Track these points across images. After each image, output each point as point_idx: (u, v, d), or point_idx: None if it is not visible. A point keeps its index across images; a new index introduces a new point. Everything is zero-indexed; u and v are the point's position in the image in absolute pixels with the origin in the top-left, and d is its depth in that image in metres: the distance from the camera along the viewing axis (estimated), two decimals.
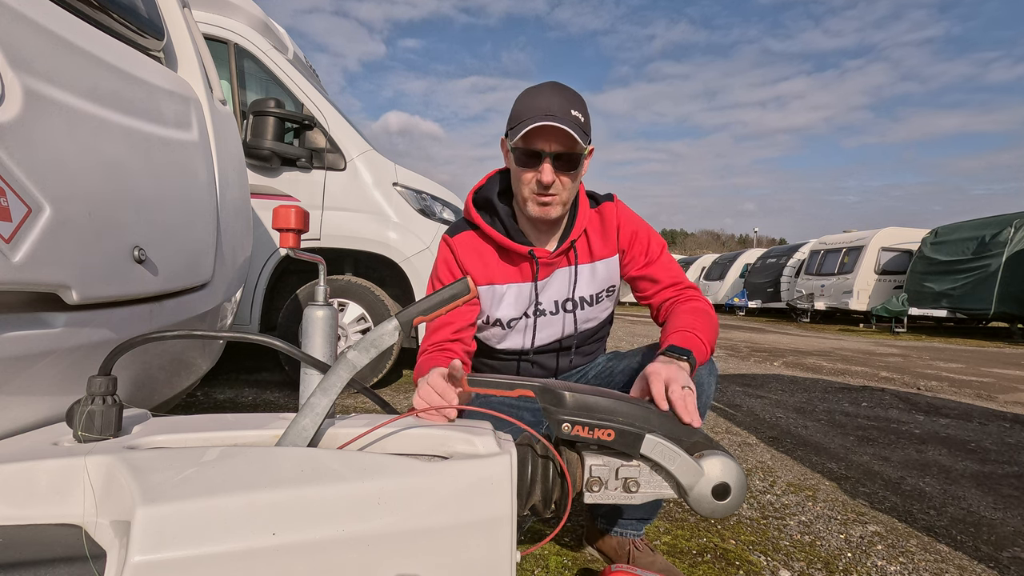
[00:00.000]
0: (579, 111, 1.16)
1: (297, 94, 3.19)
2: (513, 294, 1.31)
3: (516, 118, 1.18)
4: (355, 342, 0.91)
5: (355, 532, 0.61)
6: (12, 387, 0.83)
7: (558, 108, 1.14)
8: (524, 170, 1.19)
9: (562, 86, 1.20)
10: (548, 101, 1.14)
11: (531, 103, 1.16)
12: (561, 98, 1.16)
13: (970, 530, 1.75)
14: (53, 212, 0.85)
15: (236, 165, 1.74)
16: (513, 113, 1.20)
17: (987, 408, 3.68)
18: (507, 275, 1.30)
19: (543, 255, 1.27)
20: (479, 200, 1.32)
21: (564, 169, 1.17)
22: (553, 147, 1.15)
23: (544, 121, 1.11)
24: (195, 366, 1.51)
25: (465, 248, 1.29)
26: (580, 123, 1.15)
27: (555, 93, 1.16)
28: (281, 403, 2.99)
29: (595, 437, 0.78)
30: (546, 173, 1.15)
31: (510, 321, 1.32)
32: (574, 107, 1.16)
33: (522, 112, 1.16)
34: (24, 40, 0.85)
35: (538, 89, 1.19)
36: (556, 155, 1.15)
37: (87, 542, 0.61)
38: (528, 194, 1.20)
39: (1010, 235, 9.76)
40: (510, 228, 1.28)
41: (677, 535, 1.60)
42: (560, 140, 1.14)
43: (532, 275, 1.29)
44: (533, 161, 1.17)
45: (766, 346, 7.56)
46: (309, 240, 3.15)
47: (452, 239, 1.31)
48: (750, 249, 21.77)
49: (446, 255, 1.31)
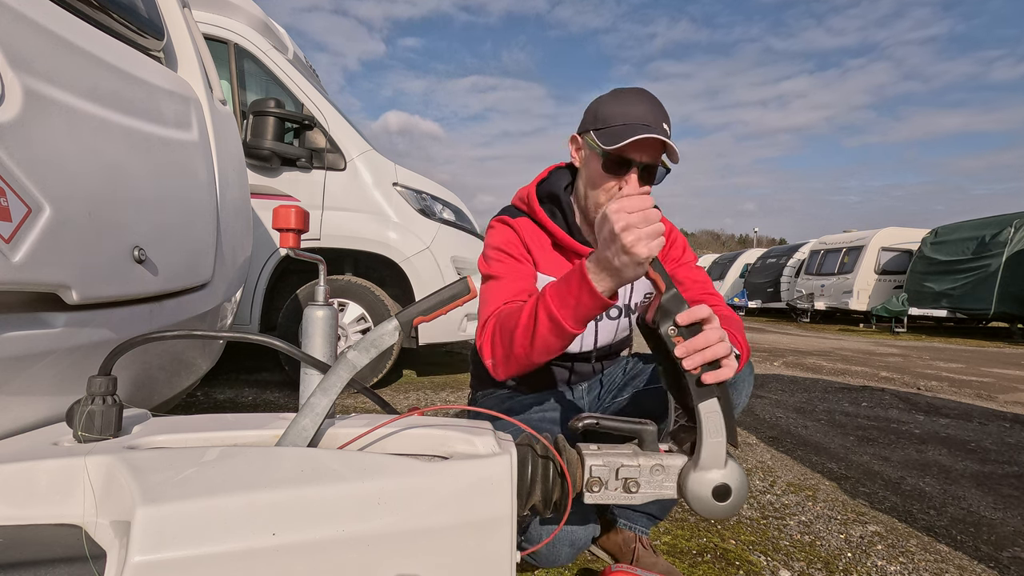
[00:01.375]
0: (668, 124, 1.14)
1: (297, 94, 3.19)
2: None
3: (606, 120, 1.14)
4: (355, 342, 0.91)
5: (355, 532, 0.61)
6: (12, 387, 0.83)
7: (653, 119, 1.11)
8: (609, 176, 1.15)
9: (653, 95, 1.17)
10: (645, 110, 1.12)
11: (626, 109, 1.12)
12: (657, 108, 1.13)
13: (970, 530, 1.75)
14: (53, 212, 0.85)
15: (236, 165, 1.74)
16: (600, 115, 1.16)
17: (987, 408, 3.67)
18: (561, 270, 1.26)
19: None
20: (543, 193, 1.29)
21: (647, 181, 1.15)
22: (644, 158, 1.12)
23: (646, 132, 1.07)
24: (195, 366, 1.51)
25: (527, 232, 1.25)
26: (669, 137, 1.13)
27: (651, 103, 1.13)
28: (281, 403, 2.99)
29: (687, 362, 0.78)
30: (633, 183, 1.13)
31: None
32: (666, 120, 1.13)
33: (615, 116, 1.13)
34: (24, 40, 0.85)
35: (634, 95, 1.15)
36: (645, 166, 1.13)
37: (87, 542, 0.61)
38: (605, 200, 1.16)
39: (1010, 235, 9.76)
40: (572, 226, 1.26)
41: (677, 535, 1.60)
42: (652, 152, 1.12)
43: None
44: (621, 169, 1.13)
45: (766, 346, 7.56)
46: (309, 240, 3.15)
47: (514, 220, 1.26)
48: (750, 249, 21.77)
49: (510, 236, 1.25)
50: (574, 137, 1.25)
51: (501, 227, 1.28)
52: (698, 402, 0.79)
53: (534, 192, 1.29)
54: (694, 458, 0.80)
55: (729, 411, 0.80)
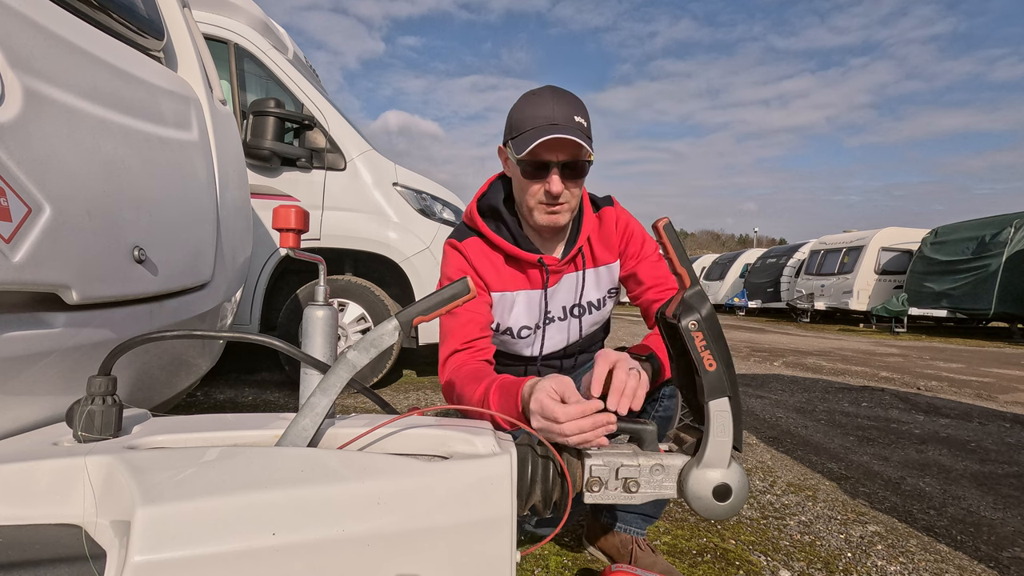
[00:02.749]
0: (582, 116, 1.14)
1: (297, 94, 3.19)
2: (523, 301, 1.29)
3: (518, 127, 1.14)
4: (355, 342, 0.91)
5: (355, 532, 0.61)
6: (12, 387, 0.83)
7: (562, 116, 1.11)
8: (531, 182, 1.16)
9: (562, 91, 1.17)
10: (551, 109, 1.12)
11: (533, 112, 1.13)
12: (564, 105, 1.13)
13: (970, 530, 1.75)
14: (53, 212, 0.85)
15: (236, 165, 1.74)
16: (513, 122, 1.16)
17: (987, 408, 3.67)
18: (516, 282, 1.28)
19: (552, 262, 1.26)
20: (483, 207, 1.29)
21: (571, 177, 1.15)
22: (560, 156, 1.12)
23: (553, 134, 1.08)
24: (195, 366, 1.51)
25: (476, 253, 1.26)
26: (584, 129, 1.13)
27: (557, 100, 1.13)
28: (281, 403, 2.99)
29: (702, 352, 0.79)
30: (555, 184, 1.13)
31: (521, 330, 1.31)
32: (577, 113, 1.13)
33: (524, 121, 1.13)
34: (24, 40, 0.85)
35: (538, 96, 1.15)
36: (563, 164, 1.13)
37: (87, 542, 0.61)
38: (535, 204, 1.18)
39: (1010, 235, 9.76)
40: (517, 236, 1.26)
41: (677, 535, 1.60)
42: (567, 149, 1.12)
43: (542, 283, 1.28)
44: (540, 172, 1.14)
45: (766, 346, 7.56)
46: (309, 240, 3.15)
47: (462, 243, 1.26)
48: (750, 249, 21.77)
49: (458, 261, 1.26)
50: (500, 149, 1.25)
51: (451, 254, 1.28)
52: (709, 399, 0.79)
53: (475, 209, 1.28)
54: (698, 455, 0.80)
55: (739, 413, 0.80)
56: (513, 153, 1.16)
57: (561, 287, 1.31)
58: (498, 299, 1.27)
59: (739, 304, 17.51)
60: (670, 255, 0.81)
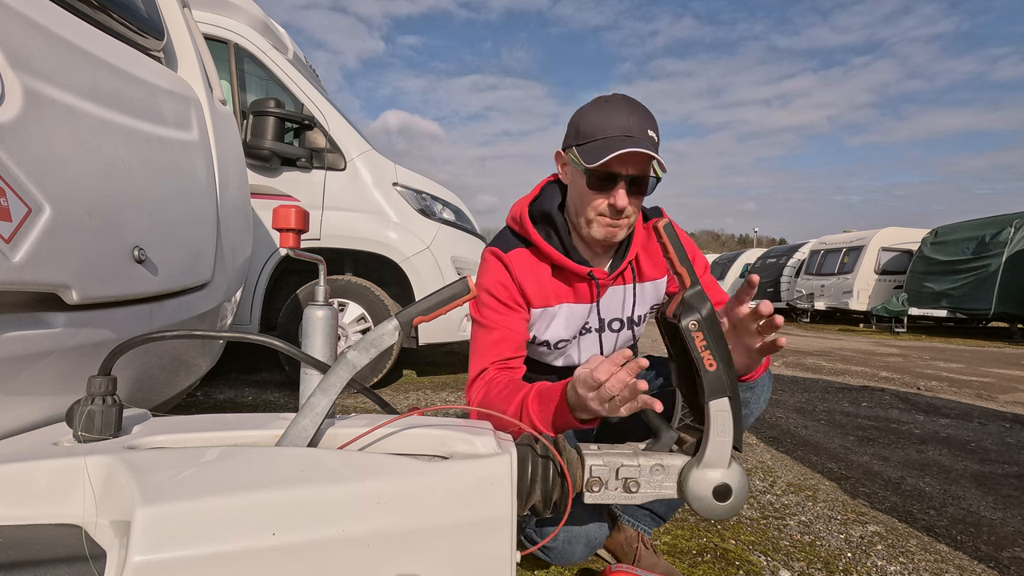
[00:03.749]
0: (654, 131, 1.09)
1: (297, 94, 3.19)
2: (564, 315, 1.23)
3: (588, 134, 1.10)
4: (355, 342, 0.91)
5: (355, 532, 0.61)
6: (12, 387, 0.83)
7: (637, 128, 1.07)
8: (596, 193, 1.11)
9: (635, 102, 1.12)
10: (627, 120, 1.07)
11: (607, 121, 1.08)
12: (639, 117, 1.08)
13: (970, 530, 1.75)
14: (53, 212, 0.85)
15: (236, 165, 1.74)
16: (582, 129, 1.11)
17: (987, 408, 3.67)
18: (560, 295, 1.22)
19: (601, 276, 1.20)
20: (535, 213, 1.23)
21: (636, 193, 1.11)
22: (630, 171, 1.08)
23: (629, 147, 1.03)
24: (195, 366, 1.51)
25: (521, 267, 1.19)
26: (656, 144, 1.09)
27: (632, 111, 1.09)
28: (281, 403, 2.99)
29: (702, 352, 0.79)
30: (620, 198, 1.09)
31: (558, 343, 1.27)
32: (650, 127, 1.09)
33: (595, 129, 1.08)
34: (24, 40, 0.85)
35: (612, 105, 1.10)
36: (632, 178, 1.09)
37: (87, 542, 0.61)
38: (594, 216, 1.13)
39: (1010, 235, 9.75)
40: (567, 246, 1.20)
41: (677, 535, 1.60)
42: (638, 164, 1.08)
43: (590, 296, 1.23)
44: (607, 184, 1.09)
45: None
46: (309, 240, 3.15)
47: (507, 255, 1.20)
48: (750, 249, 21.76)
49: (500, 275, 1.19)
50: (559, 153, 1.21)
51: (494, 264, 1.21)
52: (709, 399, 0.79)
53: (527, 213, 1.23)
54: (698, 455, 0.80)
55: (738, 414, 0.80)
56: (580, 160, 1.10)
57: (606, 300, 1.26)
58: (538, 314, 1.22)
59: None
60: (670, 255, 0.81)
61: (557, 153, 1.22)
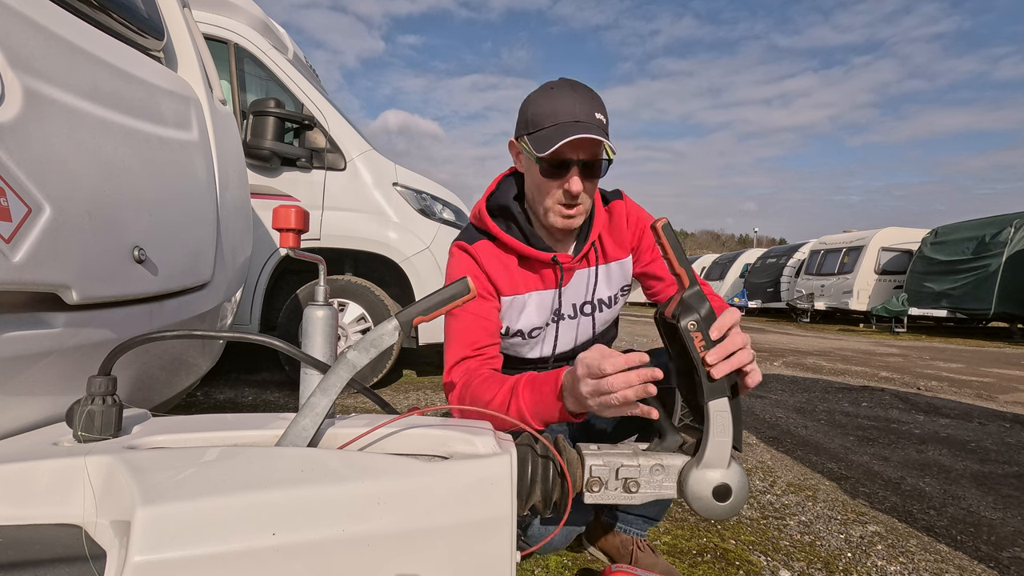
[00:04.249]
0: (602, 113, 1.10)
1: (297, 94, 3.19)
2: (535, 302, 1.26)
3: (536, 123, 1.10)
4: (355, 342, 0.91)
5: (355, 532, 0.61)
6: (12, 387, 0.83)
7: (584, 113, 1.07)
8: (550, 180, 1.12)
9: (581, 85, 1.13)
10: (573, 105, 1.08)
11: (554, 107, 1.09)
12: (586, 101, 1.09)
13: (970, 530, 1.75)
14: (53, 212, 0.85)
15: (236, 165, 1.74)
16: (532, 117, 1.12)
17: (987, 408, 3.67)
18: (528, 283, 1.24)
19: (565, 260, 1.23)
20: (492, 207, 1.25)
21: (590, 177, 1.12)
22: (581, 155, 1.09)
23: (578, 133, 1.04)
24: (195, 366, 1.51)
25: (487, 257, 1.21)
26: (604, 127, 1.10)
27: (578, 96, 1.10)
28: (281, 403, 2.99)
29: (702, 353, 0.79)
30: (575, 183, 1.10)
31: (532, 331, 1.28)
32: (598, 109, 1.10)
33: (544, 117, 1.09)
34: (24, 40, 0.85)
35: (558, 91, 1.11)
36: (584, 163, 1.10)
37: (87, 542, 0.61)
38: (552, 204, 1.15)
39: (1010, 235, 9.75)
40: (529, 234, 1.22)
41: (677, 535, 1.60)
42: (589, 148, 1.09)
43: (556, 282, 1.25)
44: (560, 171, 1.10)
45: (766, 346, 7.56)
46: (309, 240, 3.15)
47: (472, 246, 1.22)
48: (750, 249, 21.77)
49: (468, 265, 1.21)
50: (512, 143, 1.21)
51: (461, 256, 1.23)
52: (709, 400, 0.79)
53: (484, 208, 1.25)
54: (698, 456, 0.80)
55: (738, 413, 0.80)
56: (531, 149, 1.11)
57: (572, 285, 1.28)
58: (508, 303, 1.24)
59: (739, 304, 17.51)
60: (669, 255, 0.81)
61: (510, 143, 1.22)
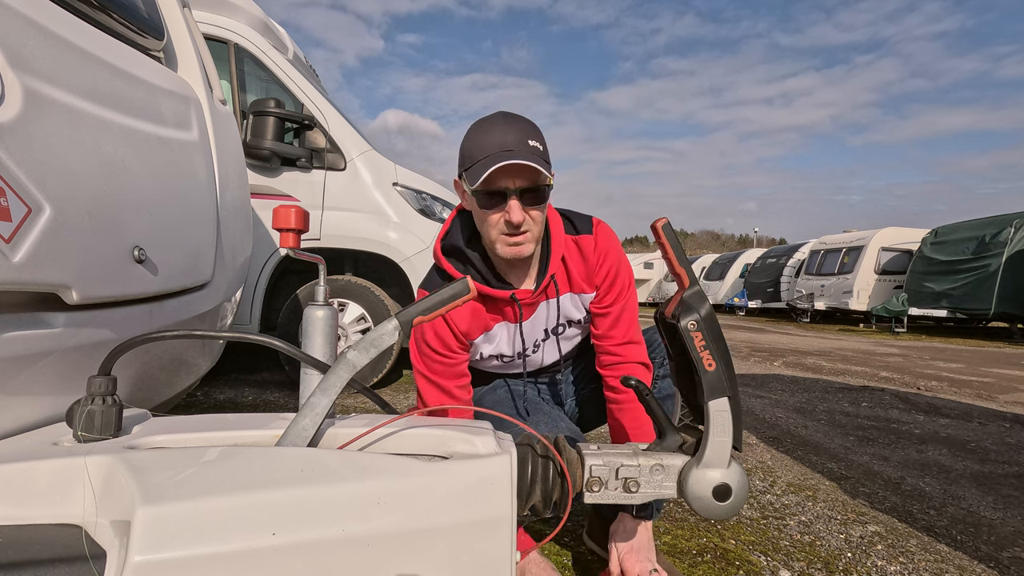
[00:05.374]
0: (536, 140, 1.09)
1: (297, 94, 3.19)
2: (503, 333, 1.29)
3: (470, 158, 1.10)
4: (355, 342, 0.91)
5: (355, 532, 0.61)
6: (12, 387, 0.83)
7: (515, 141, 1.07)
8: (489, 212, 1.11)
9: (514, 115, 1.13)
10: (502, 136, 1.07)
11: (484, 140, 1.08)
12: (517, 130, 1.09)
13: (970, 530, 1.75)
14: (53, 212, 0.85)
15: (236, 165, 1.74)
16: (465, 153, 1.12)
17: (987, 408, 3.67)
18: (495, 317, 1.26)
19: (524, 296, 1.22)
20: (447, 248, 1.25)
21: (532, 203, 1.10)
22: (517, 183, 1.08)
23: (505, 160, 1.03)
24: (195, 366, 1.51)
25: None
26: (540, 153, 1.09)
27: (509, 125, 1.10)
28: (281, 403, 2.99)
29: (701, 352, 0.79)
30: (515, 212, 1.08)
31: (503, 356, 1.33)
32: (531, 137, 1.09)
33: (475, 151, 1.09)
34: (24, 40, 0.85)
35: (489, 124, 1.11)
36: (522, 191, 1.08)
37: (87, 542, 0.61)
38: (496, 236, 1.13)
39: (1010, 235, 9.76)
40: (486, 274, 1.22)
41: (677, 535, 1.60)
42: (523, 175, 1.07)
43: (516, 317, 1.25)
44: (498, 201, 1.09)
45: (766, 346, 7.56)
46: (309, 240, 3.15)
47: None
48: (750, 249, 21.76)
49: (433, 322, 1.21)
50: (456, 182, 1.21)
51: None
52: (709, 399, 0.79)
53: (439, 251, 1.25)
54: (698, 455, 0.80)
55: (738, 413, 0.80)
56: (468, 184, 1.11)
57: (538, 317, 1.29)
58: (481, 340, 1.27)
59: (739, 304, 17.51)
60: (668, 255, 0.81)
61: (455, 182, 1.21)
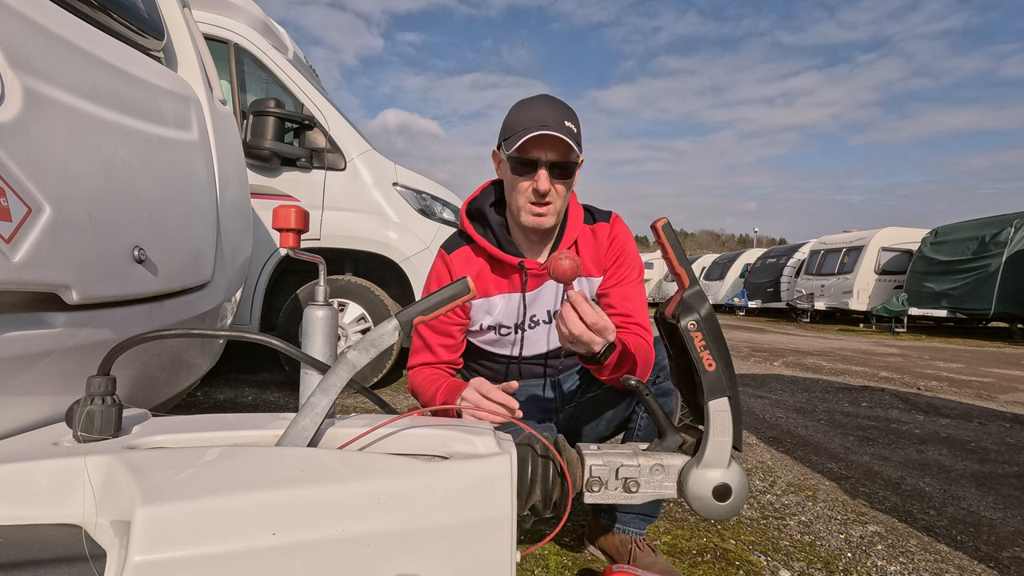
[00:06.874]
0: (572, 122, 1.19)
1: (297, 94, 3.19)
2: (502, 303, 1.32)
3: (510, 129, 1.20)
4: (355, 342, 0.91)
5: (355, 532, 0.61)
6: (12, 387, 0.83)
7: (553, 119, 1.16)
8: (520, 179, 1.20)
9: (555, 98, 1.23)
10: (543, 112, 1.17)
11: (526, 114, 1.19)
12: (555, 109, 1.19)
13: (970, 530, 1.75)
14: (53, 212, 0.85)
15: (236, 165, 1.74)
16: (507, 124, 1.22)
17: (987, 408, 3.67)
18: (499, 286, 1.32)
19: (532, 266, 1.29)
20: (472, 211, 1.35)
21: (559, 178, 1.20)
22: (549, 156, 1.17)
23: (541, 130, 1.13)
24: (195, 366, 1.51)
25: (460, 263, 1.31)
26: (574, 134, 1.18)
27: (549, 105, 1.20)
28: (281, 403, 2.99)
29: (701, 352, 0.78)
30: (542, 181, 1.18)
31: (501, 328, 1.35)
32: (567, 118, 1.18)
33: (517, 123, 1.19)
34: (24, 40, 0.85)
35: (532, 101, 1.22)
36: (552, 163, 1.18)
37: (87, 542, 0.61)
38: (523, 203, 1.22)
39: (1010, 235, 9.75)
40: (502, 239, 1.30)
41: (677, 535, 1.60)
42: (556, 149, 1.17)
43: (521, 286, 1.31)
44: (529, 170, 1.19)
45: (766, 346, 7.56)
46: (309, 240, 3.15)
47: (449, 255, 1.32)
48: (750, 249, 21.76)
49: (441, 271, 1.33)
50: (494, 152, 1.30)
51: (438, 264, 1.34)
52: (709, 399, 0.79)
53: (463, 212, 1.35)
54: (698, 455, 0.80)
55: (738, 413, 0.80)
56: (504, 152, 1.21)
57: (543, 292, 1.33)
58: (478, 305, 1.32)
59: (739, 304, 17.51)
60: (668, 255, 0.81)
61: (493, 152, 1.31)
